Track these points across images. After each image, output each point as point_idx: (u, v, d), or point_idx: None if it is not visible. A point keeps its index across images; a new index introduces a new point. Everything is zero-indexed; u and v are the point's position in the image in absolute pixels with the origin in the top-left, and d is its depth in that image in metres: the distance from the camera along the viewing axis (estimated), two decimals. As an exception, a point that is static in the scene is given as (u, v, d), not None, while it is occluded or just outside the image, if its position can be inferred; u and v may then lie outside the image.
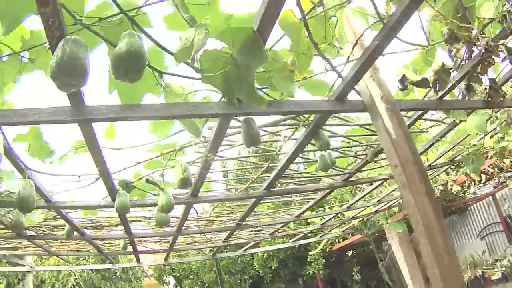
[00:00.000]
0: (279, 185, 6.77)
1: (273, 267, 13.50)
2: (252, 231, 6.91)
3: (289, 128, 3.34)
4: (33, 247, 6.62)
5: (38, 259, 13.86)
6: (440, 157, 5.03)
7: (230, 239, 6.72)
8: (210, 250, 8.94)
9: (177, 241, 6.22)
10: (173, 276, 16.32)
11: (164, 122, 2.81)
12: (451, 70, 2.82)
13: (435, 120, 4.03)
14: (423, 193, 2.33)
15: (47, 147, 2.93)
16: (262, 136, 3.32)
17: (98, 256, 12.95)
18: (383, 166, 4.89)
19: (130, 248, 6.24)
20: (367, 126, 3.78)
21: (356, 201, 5.91)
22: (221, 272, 10.14)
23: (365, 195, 5.71)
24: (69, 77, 1.55)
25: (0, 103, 2.50)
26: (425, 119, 3.96)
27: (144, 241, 6.56)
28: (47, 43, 1.87)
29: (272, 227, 6.32)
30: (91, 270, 14.85)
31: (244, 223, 5.32)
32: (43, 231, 5.30)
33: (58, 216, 4.59)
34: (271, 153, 3.79)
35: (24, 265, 8.24)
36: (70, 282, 14.75)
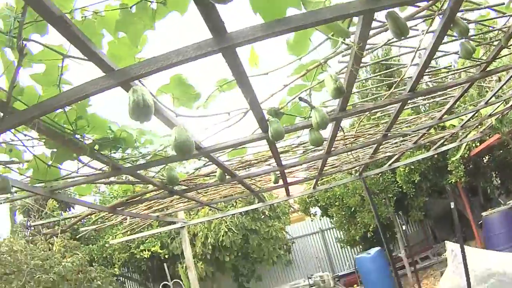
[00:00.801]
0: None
1: (415, 181, 13.17)
2: (396, 142, 6.74)
3: (424, 21, 3.13)
4: (184, 202, 6.88)
5: (186, 216, 14.60)
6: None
7: (376, 154, 6.58)
8: (356, 171, 8.91)
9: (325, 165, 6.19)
10: (318, 206, 16.50)
11: (302, 39, 2.70)
12: None
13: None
14: None
15: (192, 91, 2.90)
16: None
17: (245, 199, 13.40)
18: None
19: (280, 182, 6.26)
20: (495, 8, 3.46)
21: (494, 94, 5.48)
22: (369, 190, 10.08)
23: (503, 85, 5.25)
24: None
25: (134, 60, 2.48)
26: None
27: (294, 171, 6.60)
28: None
29: (417, 133, 6.08)
30: (240, 213, 15.37)
31: (390, 133, 5.14)
32: (194, 183, 5.47)
33: (209, 163, 4.70)
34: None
35: (176, 222, 8.70)
36: (222, 229, 15.35)
